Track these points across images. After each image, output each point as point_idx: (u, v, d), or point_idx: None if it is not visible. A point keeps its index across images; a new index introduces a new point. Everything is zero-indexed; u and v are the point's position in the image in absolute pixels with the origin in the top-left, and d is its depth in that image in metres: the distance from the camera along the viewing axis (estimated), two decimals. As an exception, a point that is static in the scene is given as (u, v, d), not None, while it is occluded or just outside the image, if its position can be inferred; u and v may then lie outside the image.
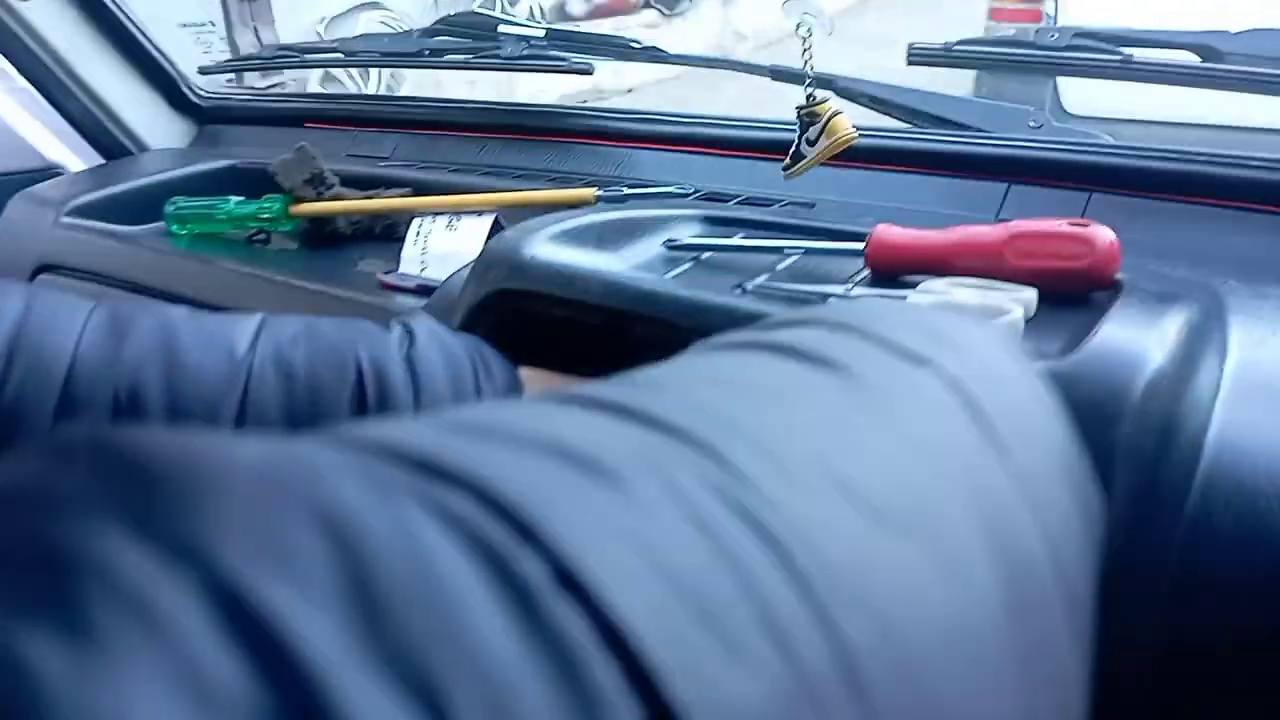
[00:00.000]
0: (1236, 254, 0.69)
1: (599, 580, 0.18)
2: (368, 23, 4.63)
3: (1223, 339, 0.56)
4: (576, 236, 0.68)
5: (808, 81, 0.77)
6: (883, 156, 0.84)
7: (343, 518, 0.17)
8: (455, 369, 0.55)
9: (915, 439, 0.29)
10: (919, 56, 0.77)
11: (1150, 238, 0.73)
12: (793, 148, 0.79)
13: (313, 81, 4.27)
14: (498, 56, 0.99)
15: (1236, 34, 0.65)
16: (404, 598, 0.17)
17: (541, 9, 5.88)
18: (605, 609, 0.18)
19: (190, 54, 1.16)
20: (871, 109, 0.90)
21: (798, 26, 0.76)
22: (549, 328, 0.63)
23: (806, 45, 0.77)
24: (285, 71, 1.25)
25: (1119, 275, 0.60)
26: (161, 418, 0.50)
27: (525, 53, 0.99)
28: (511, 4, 5.58)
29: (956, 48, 0.74)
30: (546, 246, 0.65)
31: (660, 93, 6.47)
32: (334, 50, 1.07)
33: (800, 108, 0.78)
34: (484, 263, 0.66)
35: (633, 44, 0.97)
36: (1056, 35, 0.69)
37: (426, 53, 1.03)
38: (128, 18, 1.10)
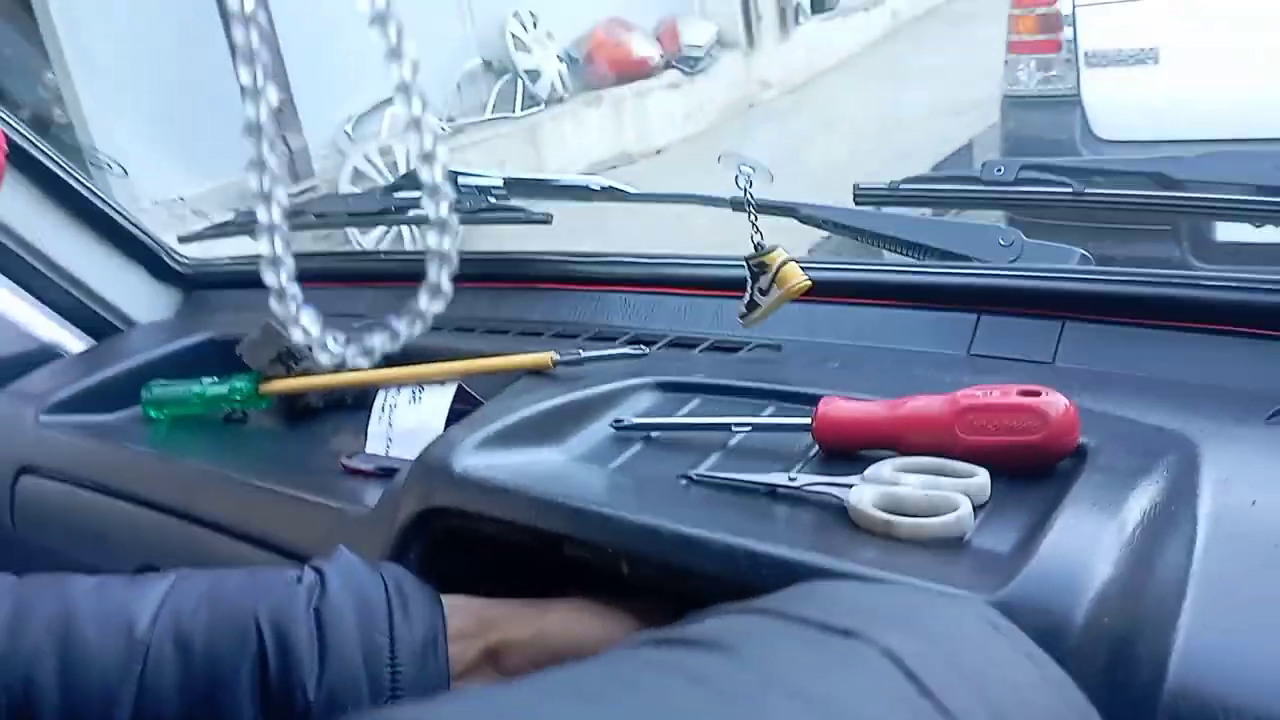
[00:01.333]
0: (1217, 382, 0.64)
1: None
2: (393, 118, 4.70)
3: (1193, 516, 0.51)
4: (516, 434, 0.65)
5: (753, 231, 0.74)
6: (849, 290, 0.80)
7: None
8: (367, 616, 0.53)
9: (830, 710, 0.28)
10: (865, 197, 0.74)
11: (1126, 368, 0.68)
12: (747, 297, 0.76)
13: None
14: (458, 210, 0.97)
15: (1191, 159, 0.60)
16: None
17: (564, 80, 5.95)
18: None
19: (168, 227, 1.16)
20: (836, 234, 0.86)
21: (736, 178, 0.74)
22: (491, 543, 0.60)
23: (748, 194, 0.74)
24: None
25: (1083, 441, 0.55)
26: (56, 713, 0.49)
27: (485, 204, 0.97)
28: (533, 81, 5.65)
29: (902, 186, 0.71)
30: (478, 455, 0.62)
31: (691, 150, 6.53)
32: (303, 212, 1.07)
33: (749, 258, 0.75)
34: (415, 475, 0.63)
35: (591, 186, 0.95)
36: (1002, 170, 0.65)
37: (391, 210, 1.02)
38: (99, 197, 1.11)
